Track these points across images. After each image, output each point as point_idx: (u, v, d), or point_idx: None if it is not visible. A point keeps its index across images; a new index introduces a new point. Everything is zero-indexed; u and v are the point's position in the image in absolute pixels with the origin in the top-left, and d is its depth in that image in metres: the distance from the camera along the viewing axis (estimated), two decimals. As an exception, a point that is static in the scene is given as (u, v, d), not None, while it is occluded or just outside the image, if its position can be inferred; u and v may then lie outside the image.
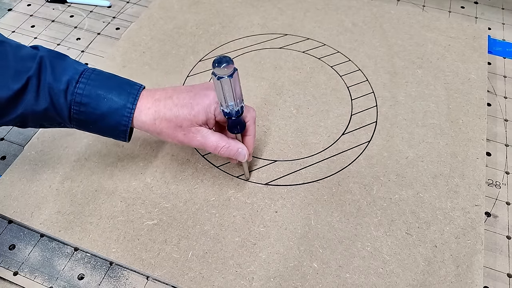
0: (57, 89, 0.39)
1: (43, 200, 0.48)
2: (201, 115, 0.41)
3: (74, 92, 0.39)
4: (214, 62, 0.37)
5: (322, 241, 0.45)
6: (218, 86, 0.38)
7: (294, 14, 0.68)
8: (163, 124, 0.41)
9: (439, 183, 0.49)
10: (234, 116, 0.41)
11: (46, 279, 0.43)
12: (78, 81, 0.40)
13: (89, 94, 0.40)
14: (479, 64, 0.61)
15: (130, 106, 0.41)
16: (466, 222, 0.46)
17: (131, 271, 0.44)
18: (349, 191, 0.48)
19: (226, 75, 0.37)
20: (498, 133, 0.55)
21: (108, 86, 0.41)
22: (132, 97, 0.41)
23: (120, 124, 0.41)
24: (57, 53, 0.41)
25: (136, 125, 0.42)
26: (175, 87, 0.44)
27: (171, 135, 0.42)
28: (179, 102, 0.41)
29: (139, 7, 0.72)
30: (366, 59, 0.62)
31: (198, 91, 0.42)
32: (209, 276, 0.42)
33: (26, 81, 0.38)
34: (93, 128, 0.42)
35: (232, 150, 0.43)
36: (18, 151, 0.52)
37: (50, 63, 0.40)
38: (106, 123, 0.41)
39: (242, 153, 0.44)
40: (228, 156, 0.44)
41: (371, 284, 0.42)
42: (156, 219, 0.46)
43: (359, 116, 0.55)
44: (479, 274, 0.42)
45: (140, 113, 0.41)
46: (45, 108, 0.39)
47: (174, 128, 0.41)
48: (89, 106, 0.40)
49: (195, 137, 0.42)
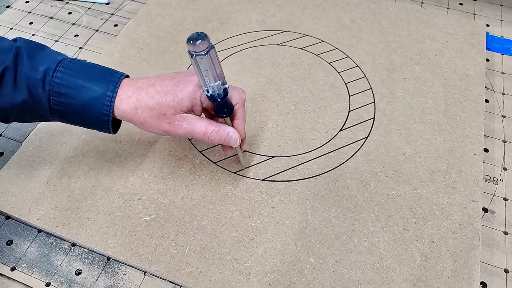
0: (34, 79, 0.38)
1: (41, 195, 0.48)
2: (186, 102, 0.39)
3: (52, 82, 0.38)
4: (188, 39, 0.35)
5: (319, 237, 0.45)
6: (195, 65, 0.37)
7: (292, 11, 0.68)
8: (145, 113, 0.39)
9: (437, 179, 0.49)
10: (218, 99, 0.39)
11: (43, 275, 0.44)
12: (55, 70, 0.38)
13: (67, 84, 0.38)
14: (477, 60, 0.61)
15: (110, 95, 0.39)
16: (463, 217, 0.46)
17: (129, 266, 0.44)
18: (347, 187, 0.48)
19: (201, 52, 0.35)
20: (496, 129, 0.55)
21: (87, 75, 0.39)
22: (112, 85, 0.39)
23: (101, 113, 0.39)
24: (36, 43, 0.40)
25: (117, 114, 0.40)
26: (159, 75, 0.42)
27: (155, 124, 0.40)
28: (162, 90, 0.39)
29: (137, 4, 0.72)
30: (364, 56, 0.62)
31: (182, 78, 0.41)
32: (206, 271, 0.42)
33: (2, 72, 0.37)
34: (76, 119, 0.41)
35: (223, 134, 0.41)
36: (16, 147, 0.52)
37: (28, 54, 0.38)
38: (87, 113, 0.39)
39: (234, 136, 0.42)
40: (219, 142, 0.42)
41: (367, 279, 0.42)
42: (154, 215, 0.46)
43: (356, 112, 0.55)
44: (476, 269, 0.43)
45: (121, 102, 0.40)
46: (24, 100, 0.38)
47: (158, 117, 0.39)
48: (68, 96, 0.39)
49: (181, 125, 0.40)
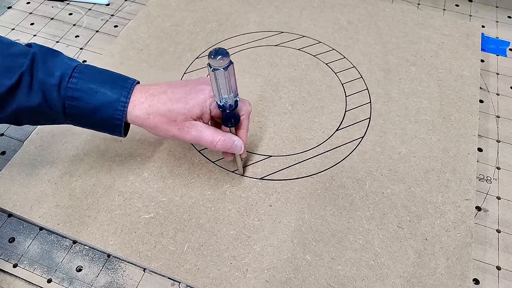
0: (50, 84, 0.39)
1: (42, 194, 0.48)
2: (196, 110, 0.41)
3: (67, 87, 0.40)
4: (210, 54, 0.37)
5: (315, 234, 0.46)
6: (213, 78, 0.38)
7: (290, 12, 0.69)
8: (157, 118, 0.41)
9: (431, 178, 0.50)
10: (228, 110, 0.41)
11: (45, 271, 0.44)
12: (71, 76, 0.40)
13: (81, 88, 0.40)
14: (472, 61, 0.62)
15: (123, 100, 0.41)
16: (456, 216, 0.47)
17: (128, 263, 0.45)
18: (342, 185, 0.49)
19: (221, 67, 0.37)
20: (490, 129, 0.56)
21: (101, 80, 0.41)
22: (126, 91, 0.41)
23: (114, 118, 0.41)
24: (50, 49, 0.42)
25: (130, 119, 0.42)
26: (170, 82, 0.44)
27: (165, 130, 0.42)
28: (173, 97, 0.41)
29: (137, 5, 0.73)
30: (360, 57, 0.62)
31: (194, 86, 0.42)
32: (204, 268, 0.43)
33: (19, 77, 0.39)
34: (88, 123, 0.42)
35: (228, 143, 0.43)
36: (18, 146, 0.53)
37: (43, 59, 0.40)
38: (100, 117, 0.41)
39: (238, 145, 0.44)
40: (224, 149, 0.44)
41: (362, 275, 0.43)
42: (153, 213, 0.47)
43: (353, 113, 0.56)
44: (468, 266, 0.43)
45: (134, 107, 0.41)
46: (39, 103, 0.40)
47: (168, 123, 0.41)
48: (82, 100, 0.40)
49: (189, 131, 0.42)
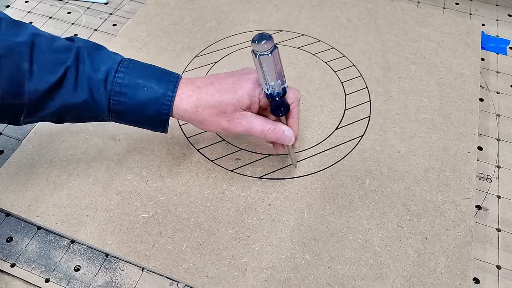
0: (96, 80, 0.39)
1: (40, 193, 0.48)
2: (245, 99, 0.40)
3: (113, 82, 0.39)
4: (253, 39, 0.36)
5: (314, 233, 0.45)
6: (258, 65, 0.37)
7: (290, 11, 0.68)
8: (206, 111, 0.40)
9: (431, 176, 0.49)
10: (276, 98, 0.40)
11: (43, 271, 0.44)
12: (117, 71, 0.39)
13: (128, 84, 0.39)
14: (472, 59, 0.61)
15: (170, 94, 0.40)
16: (456, 214, 0.47)
17: (127, 262, 0.45)
18: (342, 184, 0.49)
19: (266, 51, 0.36)
20: (490, 128, 0.56)
21: (147, 75, 0.40)
22: (172, 85, 0.40)
23: (160, 113, 0.40)
24: (94, 43, 0.41)
25: (176, 114, 0.41)
26: (215, 74, 0.43)
27: (214, 122, 0.41)
28: (221, 88, 0.40)
29: (135, 4, 0.72)
30: (360, 55, 0.62)
31: (241, 75, 0.41)
32: (203, 267, 0.43)
33: (64, 72, 0.38)
34: (132, 119, 0.41)
35: (278, 132, 0.42)
36: (16, 145, 0.53)
37: (88, 54, 0.39)
38: (146, 112, 0.40)
39: (289, 135, 0.43)
40: (274, 140, 0.42)
41: (362, 275, 0.43)
42: (151, 212, 0.47)
43: (352, 111, 0.56)
44: (468, 265, 0.43)
45: (181, 101, 0.40)
46: (84, 100, 0.39)
47: (217, 115, 0.40)
48: (129, 95, 0.39)
49: (240, 122, 0.41)
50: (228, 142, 0.53)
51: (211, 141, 0.53)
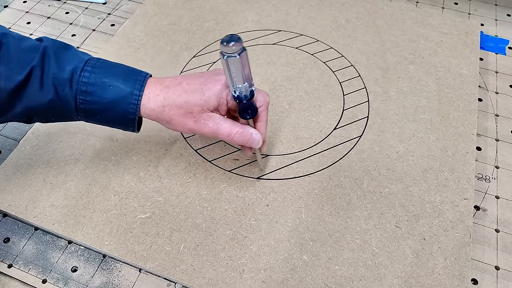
0: (62, 79, 0.38)
1: (38, 193, 0.48)
2: (213, 101, 0.40)
3: (79, 81, 0.39)
4: (222, 40, 0.36)
5: (312, 234, 0.45)
6: (226, 67, 0.37)
7: (288, 11, 0.68)
8: (172, 111, 0.40)
9: (429, 177, 0.49)
10: (244, 100, 0.40)
11: (40, 272, 0.44)
12: (83, 70, 0.39)
13: (94, 83, 0.39)
14: (471, 59, 0.61)
15: (137, 93, 0.40)
16: (454, 215, 0.46)
17: (124, 263, 0.45)
18: (340, 185, 0.49)
19: (234, 53, 0.36)
20: (489, 128, 0.56)
21: (114, 74, 0.40)
22: (139, 84, 0.40)
23: (128, 112, 0.40)
24: (62, 43, 0.41)
25: (144, 113, 0.41)
26: (185, 74, 0.42)
27: (181, 122, 0.41)
28: (189, 88, 0.40)
29: (134, 4, 0.72)
30: (358, 55, 0.62)
31: (210, 76, 0.41)
32: (200, 268, 0.43)
33: (29, 72, 0.38)
34: (101, 118, 0.41)
35: (246, 136, 0.42)
36: (13, 146, 0.53)
37: (54, 53, 0.39)
38: (114, 112, 0.40)
39: (256, 138, 0.43)
40: (242, 143, 0.42)
41: (360, 276, 0.43)
42: (149, 213, 0.47)
43: (350, 111, 0.56)
44: (467, 266, 0.43)
45: (148, 100, 0.40)
46: (50, 99, 0.39)
47: (184, 115, 0.40)
48: (95, 94, 0.39)
49: (206, 124, 0.41)
50: (226, 142, 0.53)
51: (209, 141, 0.53)
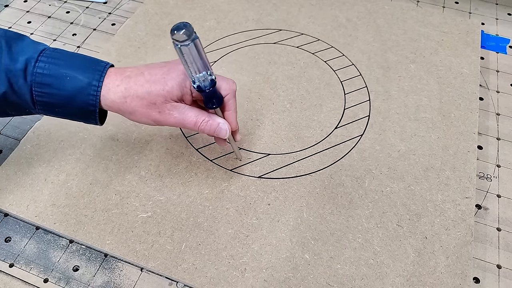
0: (15, 70, 0.37)
1: (39, 193, 0.48)
2: (176, 91, 0.39)
3: (34, 72, 0.37)
4: (172, 30, 0.35)
5: (314, 233, 0.45)
6: (180, 56, 0.36)
7: (289, 10, 0.68)
8: (134, 102, 0.38)
9: (430, 176, 0.49)
10: (205, 89, 0.39)
11: (41, 271, 0.44)
12: (37, 60, 0.37)
13: (50, 74, 0.37)
14: (471, 58, 0.61)
15: (96, 84, 0.38)
16: (456, 214, 0.46)
17: (126, 262, 0.45)
18: (341, 184, 0.49)
19: (185, 41, 0.35)
20: (490, 127, 0.56)
21: (72, 65, 0.38)
22: (98, 74, 0.38)
23: (88, 104, 0.38)
24: (15, 33, 0.39)
25: (105, 105, 0.39)
26: (148, 64, 0.41)
27: (145, 114, 0.39)
28: (151, 78, 0.39)
29: (134, 3, 0.72)
30: (359, 54, 0.62)
31: (172, 66, 0.40)
32: (202, 267, 0.43)
33: None
34: (60, 111, 0.40)
35: (213, 125, 0.41)
36: (14, 145, 0.53)
37: (7, 44, 0.37)
38: (73, 104, 0.38)
39: (224, 128, 0.41)
40: (209, 132, 0.41)
41: (361, 274, 0.42)
42: (150, 212, 0.47)
43: (352, 110, 0.56)
44: (468, 265, 0.43)
45: (108, 91, 0.38)
46: (4, 92, 0.37)
47: (147, 106, 0.39)
48: (52, 86, 0.37)
49: (171, 114, 0.39)
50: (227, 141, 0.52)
51: (210, 140, 0.53)
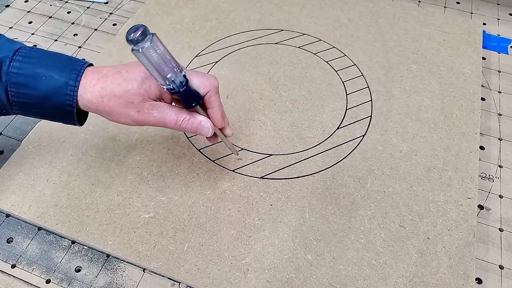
0: None
1: (41, 194, 0.48)
2: (154, 89, 0.38)
3: (8, 72, 0.36)
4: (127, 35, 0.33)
5: (316, 234, 0.45)
6: (145, 60, 0.34)
7: (290, 10, 0.68)
8: (112, 101, 0.38)
9: (433, 176, 0.49)
10: (178, 89, 0.37)
11: (43, 272, 0.44)
12: (12, 60, 0.37)
13: (26, 73, 0.37)
14: (473, 59, 0.61)
15: (72, 84, 0.37)
16: (458, 214, 0.46)
17: (128, 263, 0.45)
18: (344, 184, 0.49)
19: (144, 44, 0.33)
20: (492, 127, 0.56)
21: (49, 64, 0.38)
22: (75, 74, 0.38)
23: (65, 104, 0.38)
24: None
25: (83, 105, 0.38)
26: (127, 63, 0.40)
27: (123, 113, 0.38)
28: (128, 77, 0.38)
29: (135, 3, 0.72)
30: (361, 54, 0.62)
31: None
32: (204, 268, 0.43)
33: None
34: (38, 111, 0.39)
35: (194, 123, 0.40)
36: (16, 146, 0.53)
37: None
38: (49, 104, 0.38)
39: (206, 126, 0.40)
40: (191, 131, 0.40)
41: (364, 275, 0.42)
42: (152, 212, 0.47)
43: (354, 111, 0.56)
44: (471, 265, 0.43)
45: (85, 90, 0.38)
46: None
47: (125, 106, 0.38)
48: (28, 86, 0.37)
49: (151, 113, 0.38)
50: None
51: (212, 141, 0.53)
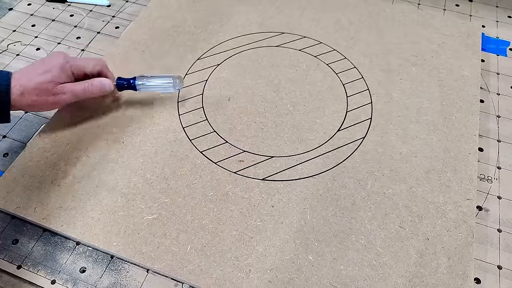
0: None
1: (46, 195, 0.49)
2: (60, 74, 0.48)
3: None
4: None
5: (317, 235, 0.46)
6: None
7: (291, 13, 0.69)
8: (31, 94, 0.46)
9: (432, 178, 0.50)
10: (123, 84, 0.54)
11: (49, 272, 0.45)
12: None
13: None
14: (472, 61, 0.62)
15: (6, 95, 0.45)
16: (457, 215, 0.47)
17: (132, 264, 0.45)
18: (344, 186, 0.49)
19: None
20: (491, 129, 0.56)
21: None
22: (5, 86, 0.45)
23: None
24: None
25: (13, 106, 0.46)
26: (29, 64, 0.50)
27: (43, 101, 0.47)
28: (36, 71, 0.47)
29: (138, 6, 0.73)
30: (361, 57, 0.63)
31: (48, 58, 0.49)
32: (207, 268, 0.44)
33: None
34: None
35: (96, 83, 0.51)
36: (20, 148, 0.53)
37: None
38: None
39: (106, 82, 0.52)
40: (98, 91, 0.51)
41: (364, 275, 0.43)
42: (156, 214, 0.47)
43: (354, 113, 0.56)
44: (470, 266, 0.44)
45: None
46: None
47: (44, 93, 0.47)
48: None
49: (64, 93, 0.48)
50: (230, 144, 0.53)
51: (214, 143, 0.53)
